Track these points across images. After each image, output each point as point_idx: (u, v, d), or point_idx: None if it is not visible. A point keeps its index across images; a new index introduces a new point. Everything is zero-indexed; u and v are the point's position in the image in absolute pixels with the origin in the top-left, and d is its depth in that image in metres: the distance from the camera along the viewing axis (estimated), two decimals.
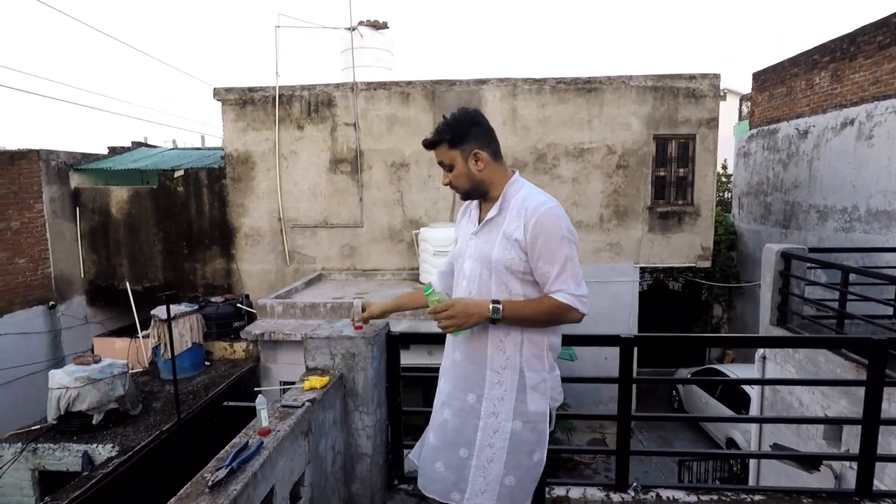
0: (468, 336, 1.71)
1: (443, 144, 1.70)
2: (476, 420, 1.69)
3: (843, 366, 4.16)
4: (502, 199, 1.71)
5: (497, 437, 1.66)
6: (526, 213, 1.63)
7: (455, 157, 1.69)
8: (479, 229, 1.73)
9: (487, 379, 1.68)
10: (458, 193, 1.76)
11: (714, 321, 12.58)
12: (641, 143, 9.10)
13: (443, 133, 1.69)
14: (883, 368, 2.21)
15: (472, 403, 1.70)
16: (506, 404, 1.66)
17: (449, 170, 1.72)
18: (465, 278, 1.73)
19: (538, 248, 1.60)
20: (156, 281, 9.62)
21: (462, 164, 1.70)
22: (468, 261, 1.74)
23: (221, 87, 9.38)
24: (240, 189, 9.54)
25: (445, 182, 1.75)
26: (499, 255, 1.64)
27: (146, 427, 5.69)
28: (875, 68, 7.99)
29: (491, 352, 1.68)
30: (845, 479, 4.12)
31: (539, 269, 1.62)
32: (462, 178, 1.71)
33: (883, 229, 7.75)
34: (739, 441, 8.01)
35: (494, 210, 1.71)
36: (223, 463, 1.49)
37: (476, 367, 1.70)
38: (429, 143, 1.73)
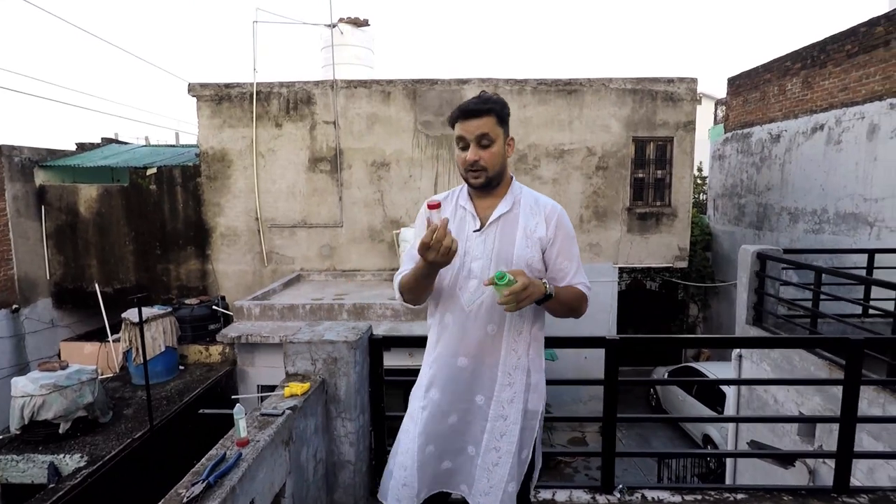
0: (483, 337, 1.63)
1: (493, 116, 1.56)
2: (484, 422, 1.64)
3: (817, 364, 4.25)
4: (514, 194, 1.66)
5: (504, 441, 1.63)
6: (546, 211, 1.65)
7: (499, 134, 1.58)
8: (487, 226, 1.63)
9: (499, 381, 1.64)
10: (477, 179, 1.59)
11: (690, 320, 12.81)
12: (621, 144, 9.20)
13: (496, 105, 1.57)
14: (860, 367, 2.24)
15: (481, 405, 1.65)
16: (515, 406, 1.64)
17: (486, 146, 1.56)
18: (476, 278, 1.61)
19: (558, 245, 1.64)
20: (127, 283, 9.34)
21: (502, 144, 1.59)
22: (478, 260, 1.62)
23: (197, 83, 9.16)
24: (216, 188, 9.33)
25: (475, 158, 1.55)
26: (521, 252, 1.60)
27: (117, 435, 5.49)
28: (844, 76, 8.22)
29: (505, 353, 1.64)
30: (819, 474, 4.21)
31: (558, 265, 1.65)
32: (497, 159, 1.58)
33: (850, 231, 7.97)
34: (716, 438, 8.15)
35: (506, 205, 1.64)
36: (199, 477, 1.42)
37: (487, 369, 1.64)
38: (479, 110, 1.55)
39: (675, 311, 13.00)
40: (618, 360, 2.28)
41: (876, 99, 7.49)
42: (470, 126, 1.55)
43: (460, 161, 1.61)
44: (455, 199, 1.72)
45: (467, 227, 1.65)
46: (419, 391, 1.73)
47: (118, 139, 12.30)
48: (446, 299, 1.67)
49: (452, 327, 1.65)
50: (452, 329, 1.65)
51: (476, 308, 1.62)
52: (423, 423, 1.66)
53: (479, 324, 1.62)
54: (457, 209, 1.70)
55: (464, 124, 1.56)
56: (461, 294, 1.63)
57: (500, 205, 1.64)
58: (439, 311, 1.69)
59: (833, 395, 4.12)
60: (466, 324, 1.63)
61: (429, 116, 9.21)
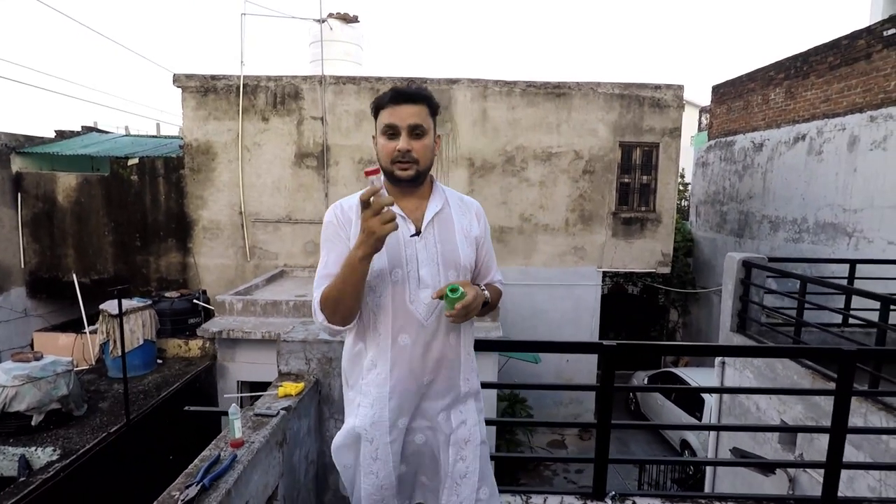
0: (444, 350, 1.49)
1: (426, 106, 1.44)
2: (448, 433, 1.52)
3: (800, 373, 4.33)
4: (441, 193, 1.54)
5: (469, 448, 1.53)
6: (475, 209, 1.61)
7: (430, 126, 1.45)
8: (424, 228, 1.47)
9: (462, 390, 1.54)
10: (406, 171, 1.42)
11: (670, 325, 12.97)
12: (607, 149, 9.27)
13: (427, 94, 1.45)
14: (851, 379, 2.27)
15: (441, 420, 1.52)
16: (470, 406, 1.56)
17: (419, 136, 1.42)
18: (428, 287, 1.45)
19: (486, 244, 1.61)
20: (105, 274, 9.11)
21: (433, 137, 1.47)
22: (424, 267, 1.45)
23: (182, 74, 8.97)
24: (199, 180, 9.15)
25: (407, 147, 1.40)
26: (465, 253, 1.51)
27: (91, 429, 5.35)
28: (826, 87, 8.40)
29: (464, 359, 1.55)
30: (799, 482, 4.29)
31: (486, 263, 1.62)
32: (428, 153, 1.45)
33: (829, 241, 8.15)
34: (694, 443, 8.26)
35: (437, 204, 1.50)
36: (193, 479, 1.37)
37: (450, 380, 1.52)
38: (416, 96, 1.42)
39: (655, 316, 13.15)
40: (614, 366, 2.27)
41: (857, 111, 7.66)
42: (403, 112, 1.40)
43: (386, 151, 1.42)
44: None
45: (401, 231, 1.42)
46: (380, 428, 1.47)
47: (98, 128, 12.00)
48: (398, 317, 1.45)
49: (412, 348, 1.46)
50: (413, 349, 1.46)
51: (434, 321, 1.46)
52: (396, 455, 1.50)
53: (440, 337, 1.48)
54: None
55: (395, 110, 1.40)
56: (415, 308, 1.45)
57: (431, 204, 1.50)
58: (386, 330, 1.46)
59: (815, 405, 4.19)
60: (428, 340, 1.47)
61: None
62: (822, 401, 4.14)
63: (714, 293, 10.98)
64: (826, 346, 3.27)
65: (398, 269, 1.45)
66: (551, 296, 9.46)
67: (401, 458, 1.51)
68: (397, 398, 1.46)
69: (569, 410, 9.90)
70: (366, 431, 1.47)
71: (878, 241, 7.16)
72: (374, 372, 1.47)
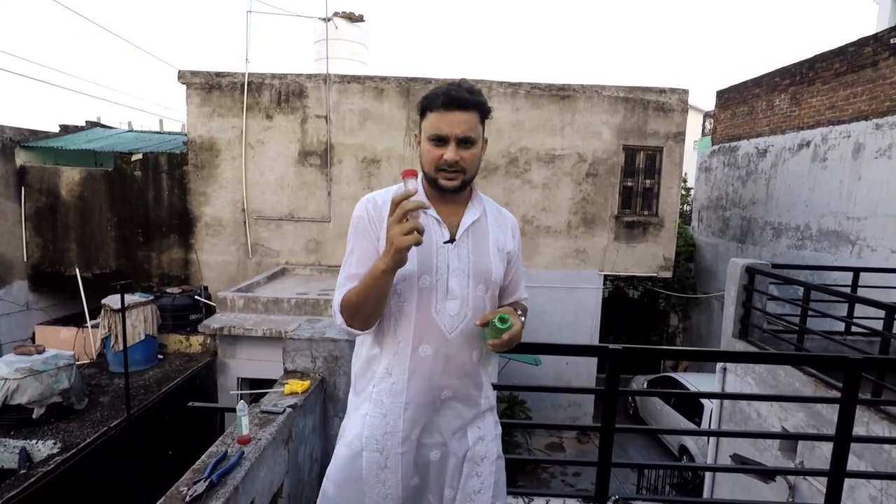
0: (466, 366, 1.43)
1: (474, 112, 1.34)
2: (466, 450, 1.46)
3: (802, 380, 4.32)
4: (480, 202, 1.48)
5: (485, 464, 1.46)
6: (511, 223, 1.55)
7: (480, 134, 1.37)
8: (459, 237, 1.40)
9: (480, 406, 1.49)
10: (452, 182, 1.34)
11: (670, 330, 12.97)
12: (611, 152, 9.27)
13: (479, 99, 1.35)
14: (857, 387, 2.27)
15: (460, 437, 1.46)
16: (487, 421, 1.51)
17: (469, 145, 1.34)
18: (457, 298, 1.37)
19: (517, 259, 1.56)
20: (107, 268, 9.12)
21: (481, 145, 1.39)
22: (454, 277, 1.38)
23: (187, 70, 8.98)
24: (202, 177, 9.15)
25: (454, 158, 1.32)
26: (497, 269, 1.44)
27: (92, 423, 5.35)
28: (831, 94, 8.39)
29: (485, 378, 1.49)
30: (799, 489, 4.28)
31: (515, 279, 1.56)
32: (477, 162, 1.38)
33: (832, 248, 8.14)
34: (692, 449, 8.25)
35: (474, 214, 1.43)
36: (201, 475, 1.37)
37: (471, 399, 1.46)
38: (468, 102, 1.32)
39: (655, 320, 13.15)
40: (619, 370, 2.27)
41: (862, 119, 7.66)
42: (453, 120, 1.30)
43: (431, 157, 1.34)
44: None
45: (435, 237, 1.37)
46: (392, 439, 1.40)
47: (101, 123, 12.01)
48: (421, 326, 1.37)
49: (433, 360, 1.38)
50: (434, 361, 1.38)
51: (459, 335, 1.38)
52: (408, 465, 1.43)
53: (464, 352, 1.41)
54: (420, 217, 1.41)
55: (446, 116, 1.31)
56: (440, 319, 1.37)
57: (468, 213, 1.43)
58: (408, 339, 1.38)
59: (817, 413, 4.19)
60: (450, 354, 1.38)
61: None
62: (824, 409, 4.13)
63: (715, 298, 10.97)
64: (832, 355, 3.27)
65: (426, 275, 1.36)
66: (552, 298, 9.46)
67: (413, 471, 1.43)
68: (412, 410, 1.39)
69: (567, 413, 9.90)
70: (376, 442, 1.40)
71: (881, 249, 7.16)
72: (389, 381, 1.40)
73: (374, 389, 1.41)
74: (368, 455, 1.40)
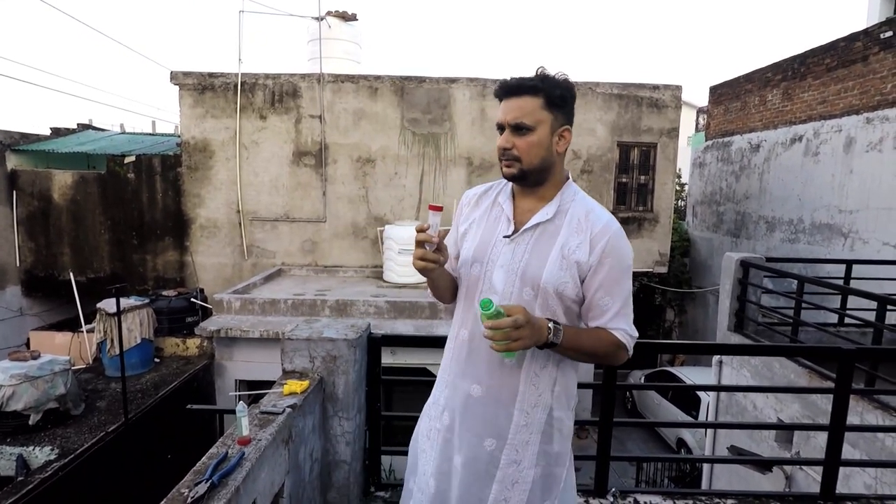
0: (499, 364, 1.35)
1: (532, 97, 1.29)
2: (494, 470, 1.37)
3: (797, 371, 4.37)
4: (559, 201, 1.38)
5: (515, 490, 1.36)
6: (593, 230, 1.33)
7: (543, 120, 1.30)
8: (520, 233, 1.37)
9: (514, 421, 1.36)
10: (508, 168, 1.34)
11: (667, 325, 13.02)
12: (605, 149, 9.30)
13: (542, 84, 1.30)
14: (850, 378, 2.30)
15: (491, 451, 1.37)
16: (530, 448, 1.37)
17: (524, 132, 1.30)
18: (497, 294, 1.35)
19: (602, 275, 1.33)
20: (102, 272, 9.08)
21: (547, 133, 1.31)
22: (499, 271, 1.36)
23: (179, 71, 8.94)
24: (196, 178, 9.12)
25: (507, 146, 1.32)
26: (552, 275, 1.32)
27: (89, 428, 5.33)
28: (823, 89, 8.45)
29: (523, 388, 1.36)
30: (795, 479, 4.32)
31: (596, 299, 1.34)
32: (537, 150, 1.31)
33: (825, 241, 8.21)
34: (690, 442, 8.30)
35: (547, 213, 1.36)
36: (202, 477, 1.37)
37: (502, 407, 1.37)
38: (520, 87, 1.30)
39: (652, 315, 13.20)
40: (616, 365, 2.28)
41: (853, 113, 7.71)
42: (507, 106, 1.31)
43: (497, 146, 1.37)
44: (494, 194, 1.47)
45: (498, 229, 1.39)
46: (436, 409, 1.49)
47: (93, 125, 11.95)
48: (464, 311, 1.43)
49: (468, 345, 1.41)
50: (468, 348, 1.41)
51: None
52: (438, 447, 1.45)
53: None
54: (493, 206, 1.45)
55: (503, 104, 1.33)
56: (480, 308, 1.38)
57: (541, 210, 1.37)
58: (457, 320, 1.46)
59: (811, 403, 4.23)
60: (483, 345, 1.32)
61: (416, 114, 9.16)
62: (819, 399, 4.17)
63: (710, 293, 11.03)
64: (826, 346, 3.31)
65: (478, 264, 1.40)
66: None
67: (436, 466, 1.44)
68: (449, 390, 1.45)
69: None
70: (428, 408, 1.54)
71: (873, 241, 7.22)
72: (445, 357, 1.51)
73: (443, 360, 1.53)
74: (424, 419, 1.54)
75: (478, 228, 1.44)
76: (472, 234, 1.45)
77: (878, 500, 2.41)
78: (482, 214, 1.46)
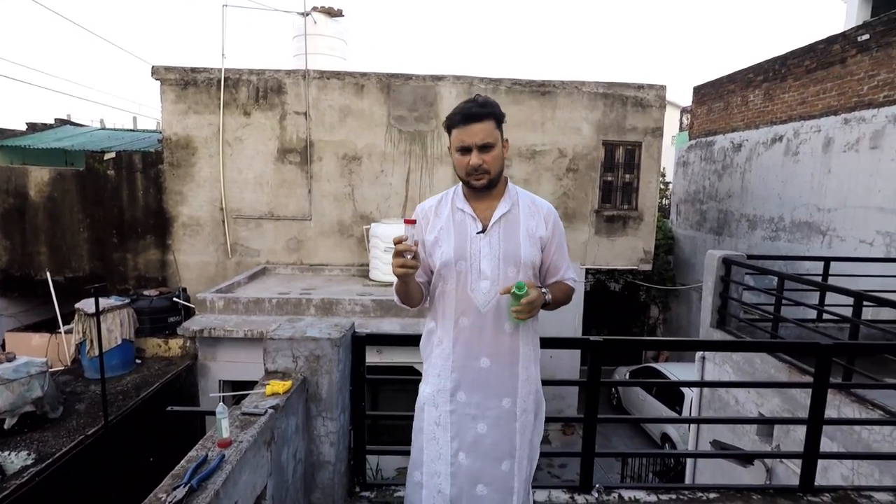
0: (500, 336, 1.66)
1: (489, 121, 1.59)
2: (513, 422, 1.67)
3: (777, 367, 4.43)
4: (511, 194, 1.70)
5: (527, 433, 1.70)
6: (542, 212, 1.72)
7: (498, 137, 1.62)
8: (490, 227, 1.66)
9: (520, 378, 1.69)
10: (480, 181, 1.62)
11: (651, 321, 13.17)
12: (591, 147, 9.35)
13: (492, 109, 1.60)
14: (828, 372, 2.33)
15: (509, 407, 1.67)
16: (531, 398, 1.72)
17: (488, 149, 1.59)
18: (487, 279, 1.64)
19: (555, 244, 1.72)
20: (80, 271, 8.90)
21: (500, 147, 1.63)
22: (484, 260, 1.65)
23: (161, 66, 8.79)
24: (178, 175, 8.98)
25: (478, 162, 1.58)
26: (528, 252, 1.66)
27: (68, 431, 5.22)
28: (802, 90, 8.59)
29: (523, 350, 1.69)
30: (775, 472, 4.40)
31: (554, 262, 1.73)
32: (498, 162, 1.63)
33: (804, 239, 8.35)
34: (674, 437, 8.40)
35: (505, 206, 1.68)
36: (181, 480, 1.34)
37: (508, 369, 1.68)
38: (481, 114, 1.57)
39: (637, 312, 13.33)
40: (600, 361, 2.30)
41: (831, 114, 7.86)
42: (471, 131, 1.57)
43: (461, 165, 1.62)
44: (450, 202, 1.72)
45: (469, 229, 1.67)
46: (442, 396, 1.70)
47: (71, 121, 11.70)
48: (460, 302, 1.67)
49: (470, 329, 1.67)
50: (471, 331, 1.67)
51: (492, 309, 1.65)
52: (456, 427, 1.68)
53: (497, 323, 1.65)
54: (454, 212, 1.70)
55: (465, 129, 1.58)
56: (474, 296, 1.65)
57: (500, 206, 1.68)
58: (452, 313, 1.69)
59: (791, 397, 4.30)
60: (484, 325, 1.65)
61: (402, 111, 9.12)
62: (798, 394, 4.24)
63: (694, 290, 11.17)
64: (804, 342, 3.36)
65: (462, 261, 1.65)
66: None
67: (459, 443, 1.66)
68: (458, 372, 1.68)
69: (552, 406, 9.81)
70: (432, 398, 1.72)
71: (850, 239, 7.36)
72: (441, 348, 1.71)
73: (432, 356, 1.75)
74: (428, 409, 1.73)
75: (448, 233, 1.69)
76: (445, 239, 1.69)
77: (854, 492, 2.45)
78: (447, 221, 1.70)
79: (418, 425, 1.77)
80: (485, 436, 1.66)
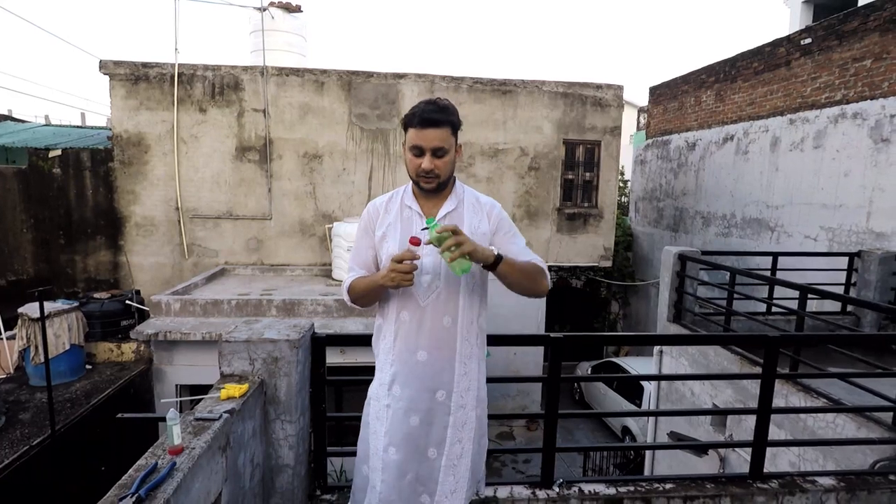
0: (439, 330, 1.67)
1: (445, 127, 1.61)
2: (446, 416, 1.69)
3: (730, 359, 4.61)
4: (458, 193, 1.75)
5: (465, 430, 1.71)
6: (485, 209, 1.76)
7: (452, 144, 1.65)
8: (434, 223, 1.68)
9: (457, 372, 1.69)
10: (429, 184, 1.65)
11: (611, 317, 13.47)
12: (552, 146, 9.48)
13: (450, 117, 1.62)
14: (776, 363, 2.44)
15: (442, 400, 1.69)
16: (471, 394, 1.72)
17: (441, 154, 1.62)
18: (428, 273, 1.67)
19: (503, 231, 1.74)
20: (24, 274, 8.44)
21: (453, 152, 1.67)
22: (427, 257, 1.66)
23: (109, 60, 8.42)
24: (130, 174, 8.63)
25: (430, 167, 1.61)
26: None
27: (11, 442, 4.94)
28: (751, 91, 8.95)
29: (460, 344, 1.70)
30: (728, 461, 4.57)
31: (505, 248, 1.69)
32: (450, 166, 1.66)
33: (754, 235, 8.72)
34: (634, 429, 8.63)
35: (451, 205, 1.72)
36: (128, 491, 1.29)
37: (446, 362, 1.69)
38: (439, 121, 1.59)
39: (598, 308, 13.62)
40: (561, 357, 2.33)
41: (778, 114, 8.22)
42: (427, 135, 1.59)
43: (413, 166, 1.64)
44: (400, 199, 1.76)
45: (414, 225, 1.70)
46: (382, 389, 1.73)
47: (13, 116, 11.08)
48: (401, 296, 1.70)
49: (409, 323, 1.69)
50: (410, 324, 1.69)
51: (432, 302, 1.68)
52: (389, 421, 1.69)
53: (436, 317, 1.68)
54: (402, 209, 1.74)
55: (421, 132, 1.59)
56: (416, 290, 1.68)
57: (446, 204, 1.72)
58: (394, 308, 1.72)
59: (743, 388, 4.48)
60: (423, 318, 1.68)
61: (364, 109, 9.03)
62: (750, 385, 4.43)
63: (652, 285, 11.49)
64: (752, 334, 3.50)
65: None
66: (498, 290, 9.44)
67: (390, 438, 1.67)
68: (397, 366, 1.70)
69: (516, 402, 10.10)
70: (375, 392, 1.76)
71: (796, 235, 7.73)
72: (385, 342, 1.75)
73: (379, 350, 1.78)
74: (373, 404, 1.77)
75: (395, 229, 1.72)
76: (392, 234, 1.72)
77: (800, 477, 2.57)
78: (395, 218, 1.73)
79: (364, 420, 1.81)
80: (416, 428, 1.68)
